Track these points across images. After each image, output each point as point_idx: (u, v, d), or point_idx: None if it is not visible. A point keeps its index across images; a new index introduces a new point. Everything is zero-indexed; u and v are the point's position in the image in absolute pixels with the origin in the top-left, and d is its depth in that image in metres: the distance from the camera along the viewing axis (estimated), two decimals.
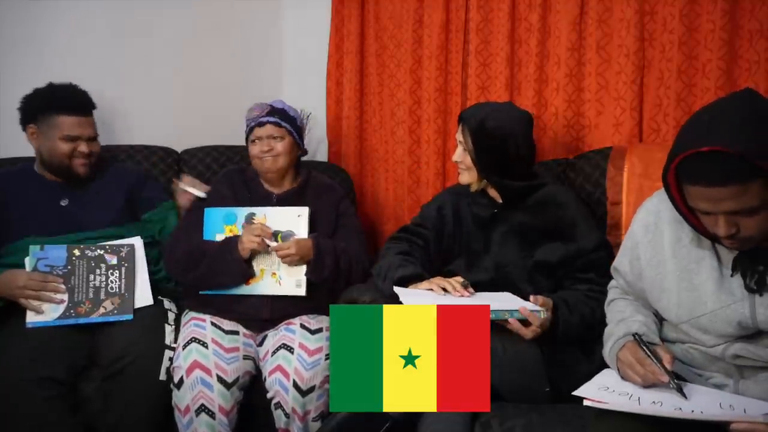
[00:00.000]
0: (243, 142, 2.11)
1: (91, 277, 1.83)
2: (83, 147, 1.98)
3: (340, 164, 2.68)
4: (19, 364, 1.65)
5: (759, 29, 1.73)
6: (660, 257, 1.32)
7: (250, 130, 2.03)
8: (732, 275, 1.23)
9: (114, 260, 1.86)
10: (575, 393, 1.25)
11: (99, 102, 2.15)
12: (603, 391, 1.24)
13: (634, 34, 1.93)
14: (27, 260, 1.81)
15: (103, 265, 1.85)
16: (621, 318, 1.40)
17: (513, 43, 2.21)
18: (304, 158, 2.25)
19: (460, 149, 1.78)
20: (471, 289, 1.62)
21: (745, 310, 1.20)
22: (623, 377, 1.29)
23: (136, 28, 2.46)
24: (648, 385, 1.23)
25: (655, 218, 1.35)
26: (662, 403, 1.16)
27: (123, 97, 2.44)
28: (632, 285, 1.43)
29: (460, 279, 1.64)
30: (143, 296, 1.89)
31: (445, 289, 1.59)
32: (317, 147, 2.81)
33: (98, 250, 1.86)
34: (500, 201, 1.80)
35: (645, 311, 1.41)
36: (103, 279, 1.84)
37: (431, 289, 1.61)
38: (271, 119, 1.99)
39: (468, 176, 1.79)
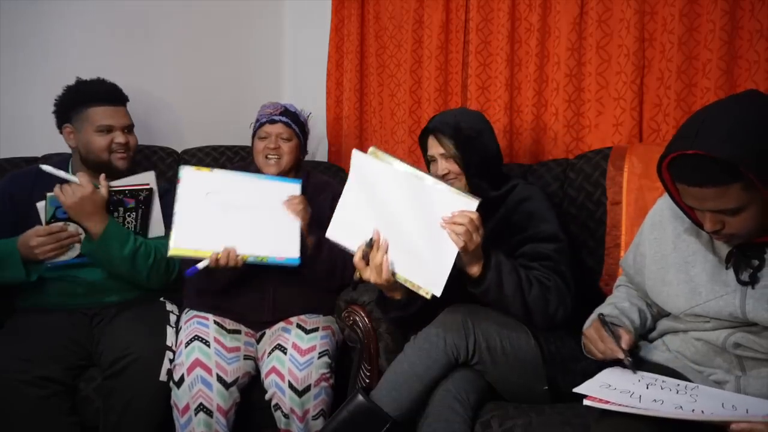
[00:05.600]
0: (243, 142, 2.11)
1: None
2: (120, 137, 1.92)
3: (340, 164, 2.68)
4: (14, 364, 1.65)
5: (759, 29, 1.73)
6: (663, 252, 1.37)
7: (259, 126, 2.00)
8: (726, 268, 1.27)
9: (132, 203, 1.84)
10: (576, 390, 1.25)
11: None
12: (605, 388, 1.24)
13: (634, 34, 1.93)
14: (42, 208, 1.76)
15: (121, 208, 1.83)
16: (610, 301, 1.50)
17: (513, 43, 2.21)
18: (305, 158, 2.25)
19: (441, 161, 1.72)
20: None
21: (735, 300, 1.24)
22: (586, 352, 1.41)
23: (136, 27, 2.46)
24: (607, 360, 1.34)
25: (660, 216, 1.40)
26: (663, 402, 1.16)
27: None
28: (632, 279, 1.50)
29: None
30: (156, 229, 1.91)
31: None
32: (317, 147, 2.81)
33: (117, 195, 1.82)
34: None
35: (637, 300, 1.48)
36: (120, 221, 1.83)
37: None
38: (284, 119, 1.98)
39: (458, 185, 1.71)
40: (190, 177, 1.79)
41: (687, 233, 1.34)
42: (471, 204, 1.42)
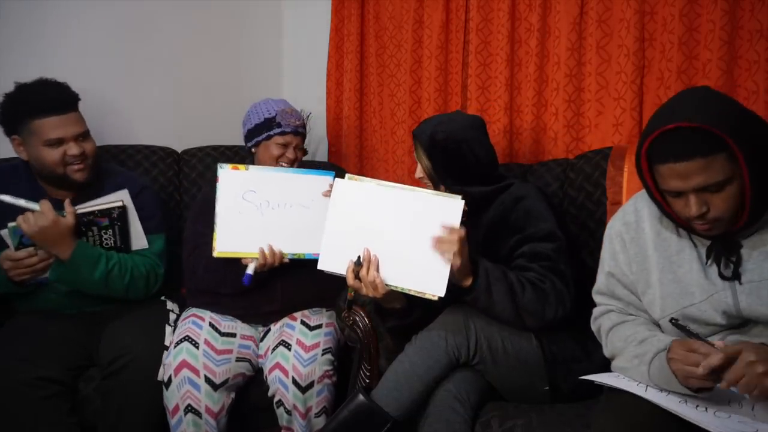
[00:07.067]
0: (243, 142, 2.10)
1: (83, 239, 1.76)
2: (73, 149, 1.77)
3: (340, 164, 2.69)
4: (15, 365, 1.65)
5: (759, 29, 1.73)
6: (644, 253, 1.35)
7: (282, 133, 1.98)
8: (707, 263, 1.27)
9: (105, 222, 1.78)
10: (584, 377, 1.29)
11: (99, 102, 2.15)
12: (614, 377, 1.28)
13: (634, 34, 1.93)
14: (6, 236, 1.70)
15: (95, 228, 1.77)
16: (642, 339, 1.31)
17: (513, 43, 2.21)
18: (305, 158, 2.25)
19: (419, 166, 1.75)
20: None
21: (728, 299, 1.23)
22: (682, 380, 1.17)
23: (136, 27, 2.46)
24: (711, 375, 1.10)
25: (635, 216, 1.39)
26: (668, 394, 1.19)
27: (123, 96, 2.44)
28: (623, 279, 1.40)
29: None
30: (138, 242, 1.88)
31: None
32: (317, 147, 2.81)
33: (87, 217, 1.75)
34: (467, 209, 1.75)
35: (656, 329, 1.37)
36: (97, 239, 1.79)
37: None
38: (302, 131, 2.04)
39: (432, 189, 1.73)
40: (227, 177, 1.83)
41: (667, 231, 1.32)
42: (455, 203, 1.49)
